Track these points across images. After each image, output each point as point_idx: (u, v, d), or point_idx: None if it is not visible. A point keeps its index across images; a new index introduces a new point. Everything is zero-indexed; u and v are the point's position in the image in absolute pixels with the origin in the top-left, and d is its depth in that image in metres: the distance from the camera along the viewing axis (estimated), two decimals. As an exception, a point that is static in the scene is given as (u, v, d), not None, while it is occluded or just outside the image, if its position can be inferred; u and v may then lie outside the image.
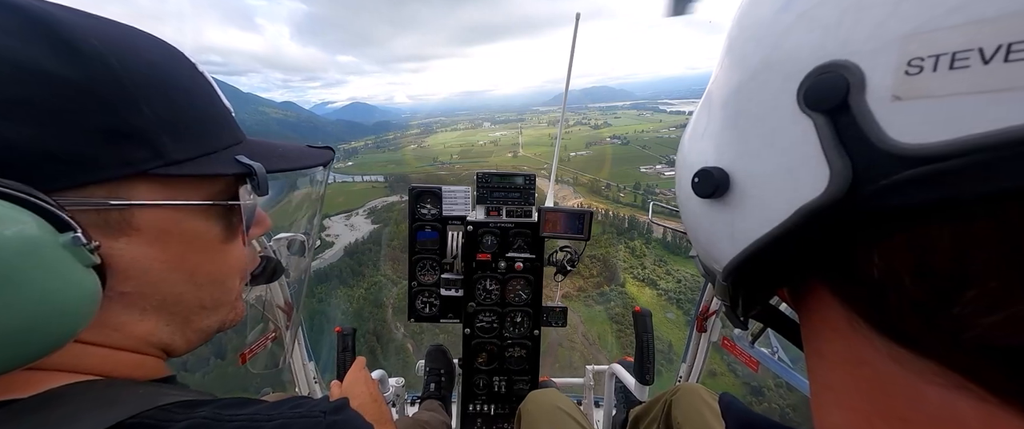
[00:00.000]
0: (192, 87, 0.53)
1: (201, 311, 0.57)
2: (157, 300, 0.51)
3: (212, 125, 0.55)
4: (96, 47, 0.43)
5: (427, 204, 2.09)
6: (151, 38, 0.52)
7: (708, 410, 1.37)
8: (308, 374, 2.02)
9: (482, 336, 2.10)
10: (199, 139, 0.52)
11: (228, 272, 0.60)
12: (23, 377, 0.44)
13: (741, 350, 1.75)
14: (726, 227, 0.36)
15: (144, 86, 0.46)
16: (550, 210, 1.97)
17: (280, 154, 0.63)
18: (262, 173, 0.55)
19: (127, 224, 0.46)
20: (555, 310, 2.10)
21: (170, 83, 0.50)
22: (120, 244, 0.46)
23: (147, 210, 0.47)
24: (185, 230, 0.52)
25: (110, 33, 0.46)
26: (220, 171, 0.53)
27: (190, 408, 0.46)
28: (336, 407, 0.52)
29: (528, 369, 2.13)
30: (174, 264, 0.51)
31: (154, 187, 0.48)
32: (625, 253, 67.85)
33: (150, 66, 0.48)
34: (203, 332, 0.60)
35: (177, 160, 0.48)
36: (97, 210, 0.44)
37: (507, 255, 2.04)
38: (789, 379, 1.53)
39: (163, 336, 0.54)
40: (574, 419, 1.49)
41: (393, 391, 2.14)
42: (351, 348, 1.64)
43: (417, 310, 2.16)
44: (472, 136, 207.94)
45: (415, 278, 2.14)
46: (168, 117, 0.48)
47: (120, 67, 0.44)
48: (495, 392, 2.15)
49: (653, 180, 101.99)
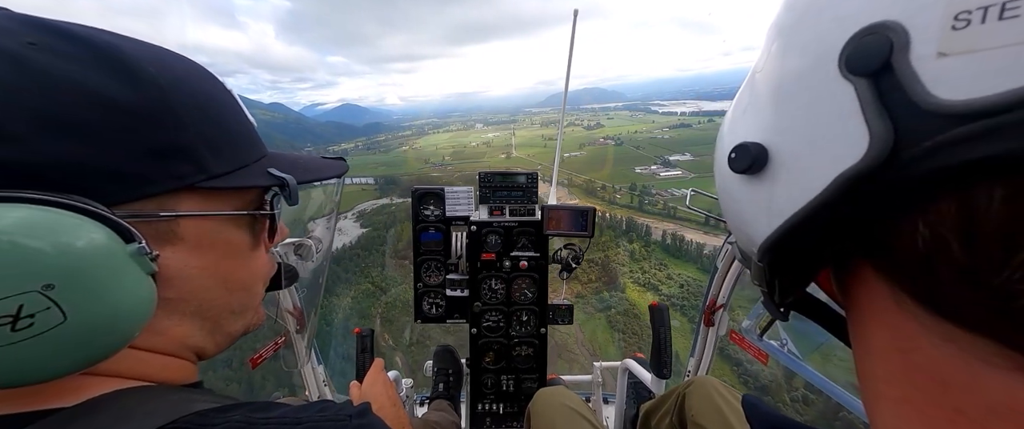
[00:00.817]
0: (226, 105, 0.57)
1: (230, 315, 0.61)
2: (194, 305, 0.55)
3: (243, 140, 0.58)
4: (151, 73, 0.47)
5: (430, 205, 2.10)
6: (189, 61, 0.55)
7: (723, 402, 1.36)
8: (317, 378, 2.01)
9: (489, 335, 2.11)
10: (234, 153, 0.55)
11: (255, 278, 0.64)
12: (73, 382, 0.46)
13: (750, 343, 1.76)
14: (763, 203, 0.35)
15: (190, 107, 0.50)
16: (553, 208, 1.98)
17: (303, 166, 0.66)
18: (293, 184, 0.59)
19: (173, 234, 0.50)
20: (561, 308, 2.11)
21: (209, 103, 0.54)
22: (167, 253, 0.49)
23: (190, 220, 0.51)
24: (221, 239, 0.55)
25: (160, 59, 0.50)
26: (256, 183, 0.57)
27: (223, 412, 0.49)
28: (361, 411, 0.54)
29: (536, 367, 2.13)
30: (210, 271, 0.55)
31: (197, 199, 0.51)
32: (623, 256, 64.66)
33: (193, 88, 0.52)
34: (231, 336, 0.63)
35: (217, 173, 0.52)
36: (148, 221, 0.47)
37: (511, 254, 2.05)
38: (799, 371, 1.54)
39: (197, 340, 0.57)
40: (584, 416, 1.49)
41: (404, 392, 2.14)
42: (370, 349, 1.64)
43: (423, 311, 2.17)
44: (464, 138, 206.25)
45: (420, 279, 2.14)
46: (209, 134, 0.52)
47: (171, 91, 0.48)
48: (503, 391, 2.16)
49: (649, 181, 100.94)
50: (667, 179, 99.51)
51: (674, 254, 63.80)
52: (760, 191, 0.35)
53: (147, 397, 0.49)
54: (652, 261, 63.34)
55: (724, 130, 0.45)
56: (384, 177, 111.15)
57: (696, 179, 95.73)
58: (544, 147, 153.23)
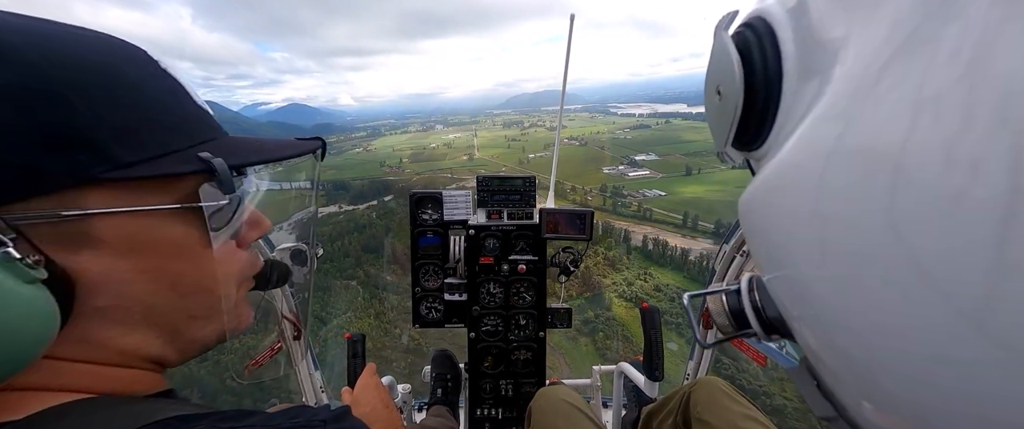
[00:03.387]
0: (144, 85, 0.49)
1: (191, 321, 0.54)
2: (140, 313, 0.49)
3: (170, 124, 0.50)
4: (19, 49, 0.41)
5: (428, 209, 2.09)
6: (93, 36, 0.49)
7: (730, 400, 1.39)
8: (314, 383, 1.97)
9: (487, 339, 2.11)
10: (155, 139, 0.48)
11: (215, 279, 0.55)
12: (13, 398, 0.42)
13: (748, 345, 1.81)
14: None
15: (81, 87, 0.43)
16: (551, 211, 1.99)
17: (256, 148, 0.59)
18: (223, 169, 0.50)
19: (87, 235, 0.44)
20: (560, 311, 2.13)
21: (113, 83, 0.46)
22: (83, 257, 0.44)
23: (107, 219, 0.44)
24: (158, 237, 0.48)
25: (38, 33, 0.43)
26: (176, 170, 0.48)
27: (187, 423, 0.45)
28: (337, 415, 0.49)
29: (535, 371, 2.14)
30: (153, 274, 0.48)
31: (110, 194, 0.44)
32: (603, 266, 57.27)
33: (88, 65, 0.45)
34: (199, 342, 0.57)
35: (128, 163, 0.45)
36: (49, 223, 0.41)
37: (510, 258, 2.05)
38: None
39: (152, 349, 0.51)
40: (585, 414, 1.51)
41: (400, 398, 2.11)
42: (361, 355, 1.61)
43: (422, 316, 2.15)
44: (423, 139, 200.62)
45: (418, 284, 2.12)
46: (114, 118, 0.44)
47: (50, 69, 0.41)
48: (502, 395, 2.15)
49: (619, 181, 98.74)
50: (636, 179, 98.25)
51: (657, 260, 57.99)
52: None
53: (106, 408, 0.46)
54: (635, 270, 57.19)
55: None
56: (332, 182, 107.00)
57: (664, 179, 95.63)
58: (507, 148, 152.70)
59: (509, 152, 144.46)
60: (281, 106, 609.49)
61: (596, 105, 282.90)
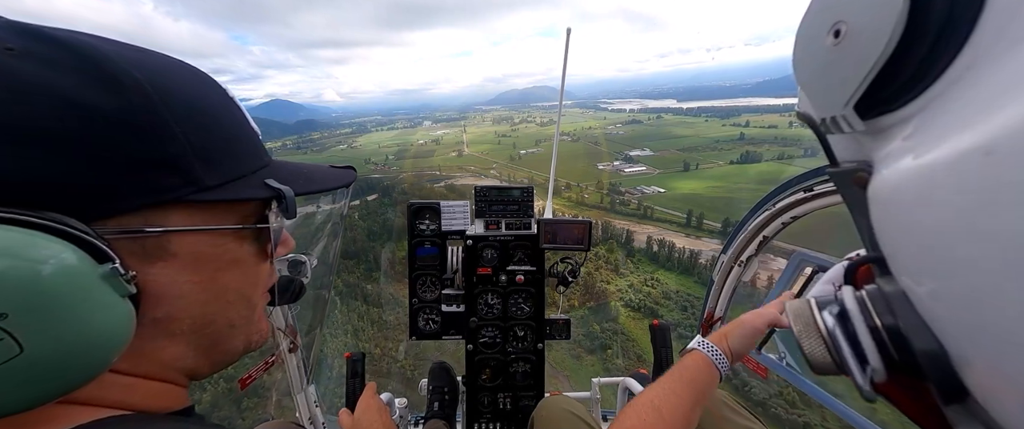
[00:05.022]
0: (222, 113, 0.54)
1: (230, 330, 0.58)
2: (188, 323, 0.52)
3: (241, 150, 0.56)
4: (137, 79, 0.44)
5: (426, 219, 2.06)
6: (182, 64, 0.53)
7: (732, 413, 1.39)
8: (309, 399, 1.94)
9: (485, 351, 2.08)
10: (229, 164, 0.53)
11: (255, 288, 0.61)
12: (48, 412, 0.43)
13: (748, 356, 1.80)
14: None
15: (179, 114, 0.47)
16: (549, 221, 1.97)
17: (306, 175, 0.64)
18: (291, 197, 0.56)
19: (163, 250, 0.47)
20: (558, 323, 2.10)
21: (202, 110, 0.51)
22: (155, 270, 0.47)
23: (182, 235, 0.48)
24: (220, 253, 0.53)
25: (148, 63, 0.47)
26: (251, 195, 0.54)
27: None
28: None
29: (533, 384, 2.11)
30: (206, 284, 0.52)
31: (188, 213, 0.49)
32: (606, 271, 52.53)
33: (184, 94, 0.49)
34: (229, 354, 0.61)
35: (209, 186, 0.49)
36: (133, 238, 0.45)
37: (508, 268, 2.03)
38: (797, 384, 1.58)
39: (189, 361, 0.55)
40: (588, 425, 1.50)
41: (398, 413, 2.09)
42: (360, 374, 1.59)
43: (419, 328, 2.12)
44: (410, 136, 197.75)
45: (416, 295, 2.09)
46: (200, 144, 0.49)
47: (157, 97, 0.45)
48: (500, 409, 2.13)
49: (615, 177, 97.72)
50: (633, 175, 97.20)
51: (665, 265, 54.20)
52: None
53: (131, 425, 0.47)
54: (641, 275, 52.66)
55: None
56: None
57: (661, 175, 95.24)
58: (497, 144, 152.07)
59: (500, 148, 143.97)
60: (262, 102, 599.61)
61: (586, 101, 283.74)
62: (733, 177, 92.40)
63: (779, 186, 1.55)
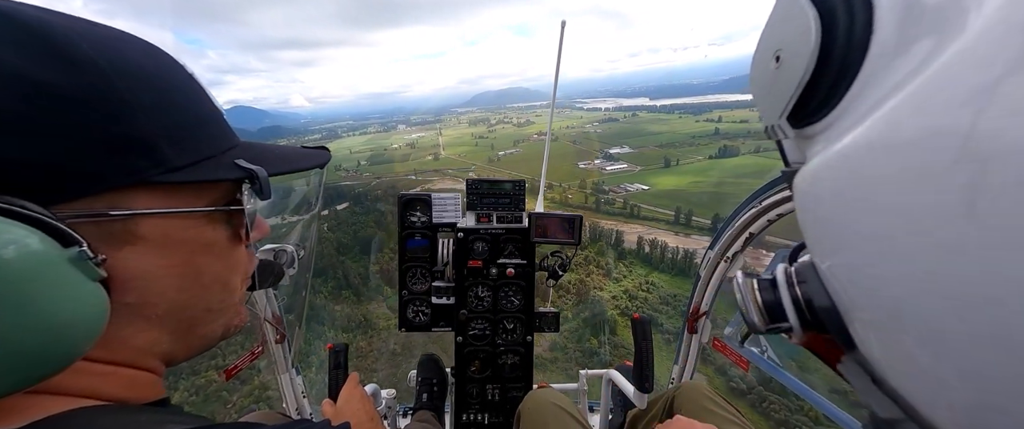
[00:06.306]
0: (185, 90, 0.52)
1: (206, 314, 0.56)
2: (163, 308, 0.50)
3: (208, 129, 0.53)
4: (90, 54, 0.42)
5: (416, 212, 2.07)
6: (140, 41, 0.50)
7: (714, 405, 1.43)
8: (295, 389, 1.94)
9: (475, 344, 2.09)
10: (197, 144, 0.50)
11: (232, 272, 0.59)
12: (19, 402, 0.42)
13: (731, 350, 1.86)
14: None
15: (140, 93, 0.45)
16: (540, 215, 2.00)
17: (278, 156, 0.62)
18: (264, 177, 0.54)
19: (130, 234, 0.45)
20: (547, 316, 2.13)
21: (166, 88, 0.48)
22: (124, 254, 0.45)
23: (150, 218, 0.46)
24: (191, 236, 0.51)
25: (101, 37, 0.45)
26: (221, 176, 0.52)
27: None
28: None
29: (522, 376, 2.14)
30: (180, 268, 0.50)
31: (156, 195, 0.47)
32: (598, 275, 49.97)
33: (144, 71, 0.47)
34: (207, 338, 0.59)
35: (177, 166, 0.47)
36: (98, 222, 0.43)
37: (498, 261, 2.04)
38: (778, 376, 1.64)
39: (165, 346, 0.53)
40: (574, 417, 1.53)
41: (385, 404, 2.09)
42: (343, 365, 1.59)
43: (408, 319, 2.12)
44: (384, 140, 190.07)
45: (405, 287, 2.10)
46: (166, 123, 0.46)
47: (115, 74, 0.43)
48: (489, 400, 2.14)
49: (597, 176, 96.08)
50: (615, 173, 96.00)
51: (659, 267, 52.18)
52: None
53: (104, 416, 0.46)
54: (634, 279, 50.66)
55: None
56: (276, 189, 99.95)
57: (643, 172, 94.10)
58: (475, 146, 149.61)
59: (477, 150, 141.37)
60: (225, 109, 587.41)
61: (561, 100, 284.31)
62: (713, 171, 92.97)
63: (765, 185, 1.60)
